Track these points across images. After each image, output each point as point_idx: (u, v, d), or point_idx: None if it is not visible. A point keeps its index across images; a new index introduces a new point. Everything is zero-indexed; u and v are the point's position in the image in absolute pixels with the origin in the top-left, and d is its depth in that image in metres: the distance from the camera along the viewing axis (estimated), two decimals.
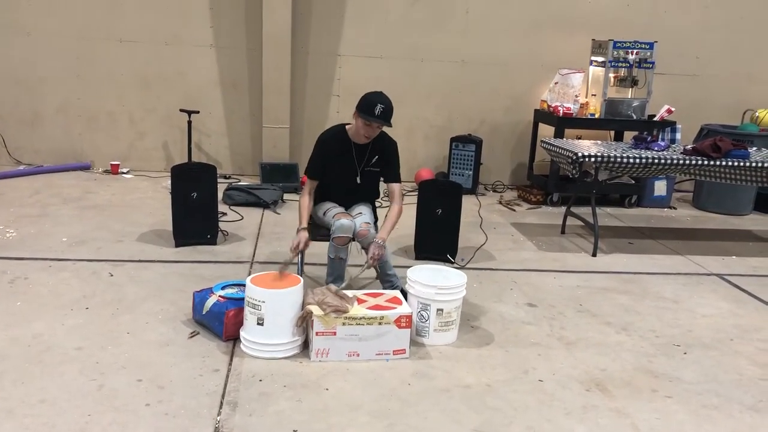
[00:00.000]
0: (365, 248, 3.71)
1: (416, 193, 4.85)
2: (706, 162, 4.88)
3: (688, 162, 4.88)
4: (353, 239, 3.69)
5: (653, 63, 6.49)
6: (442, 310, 3.36)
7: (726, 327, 3.85)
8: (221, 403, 2.75)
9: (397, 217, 3.77)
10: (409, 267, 3.61)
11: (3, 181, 6.14)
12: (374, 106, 3.58)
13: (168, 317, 3.51)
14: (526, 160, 7.16)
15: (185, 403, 2.72)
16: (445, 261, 4.56)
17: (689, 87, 7.28)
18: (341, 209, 3.80)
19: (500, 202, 6.54)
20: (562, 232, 5.59)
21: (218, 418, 2.64)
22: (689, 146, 5.19)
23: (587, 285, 4.39)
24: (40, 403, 2.65)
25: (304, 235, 3.64)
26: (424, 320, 3.38)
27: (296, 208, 5.65)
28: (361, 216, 3.74)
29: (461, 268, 4.50)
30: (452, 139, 6.81)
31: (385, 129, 3.71)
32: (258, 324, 3.10)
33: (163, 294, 3.80)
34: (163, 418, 2.61)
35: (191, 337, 3.30)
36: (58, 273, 4.02)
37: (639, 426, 2.77)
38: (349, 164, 3.80)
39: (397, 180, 3.88)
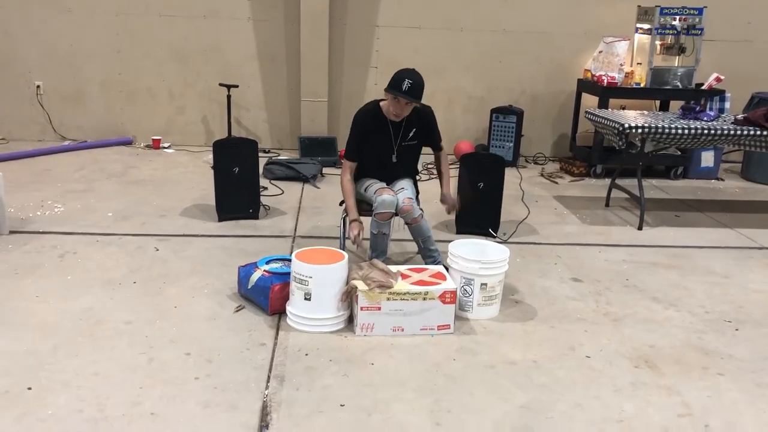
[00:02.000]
0: (408, 224, 3.69)
1: (457, 166, 4.79)
2: (758, 132, 4.71)
3: (739, 132, 4.72)
4: (396, 214, 3.67)
5: (702, 29, 6.26)
6: (486, 284, 3.34)
7: None
8: (268, 377, 2.77)
9: (449, 171, 3.94)
10: (449, 242, 3.58)
11: (49, 156, 6.26)
12: (402, 82, 3.52)
13: (213, 291, 3.55)
14: (568, 131, 7.02)
15: (233, 376, 2.76)
16: (487, 235, 4.51)
17: (740, 54, 7.02)
18: (382, 184, 3.77)
19: (542, 175, 6.44)
20: (607, 205, 5.48)
21: (266, 392, 2.66)
22: (740, 116, 5.02)
23: (633, 259, 4.30)
24: (93, 376, 2.71)
25: (359, 226, 3.64)
26: (467, 295, 3.36)
27: (336, 182, 5.66)
28: (403, 191, 3.71)
29: (504, 242, 4.45)
30: (492, 111, 6.70)
31: (423, 101, 3.65)
32: (305, 299, 3.12)
33: (207, 268, 3.84)
34: (211, 392, 2.65)
35: (237, 311, 3.34)
36: (105, 247, 4.10)
37: (690, 404, 2.72)
38: (385, 141, 3.76)
39: (441, 146, 3.93)
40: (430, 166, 6.32)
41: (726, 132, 4.72)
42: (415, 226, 3.69)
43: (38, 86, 6.71)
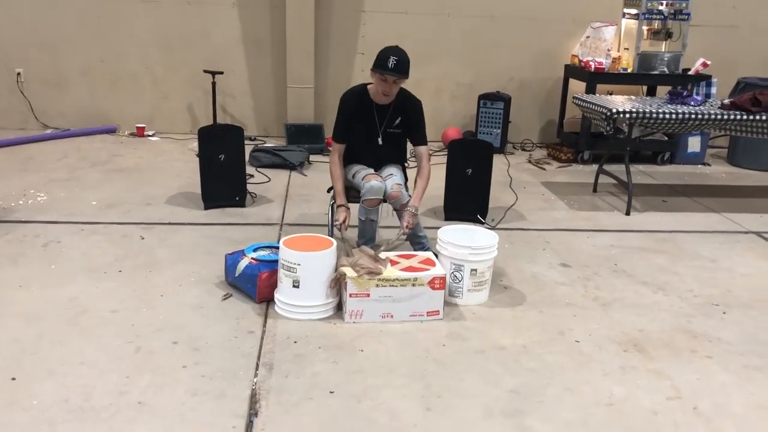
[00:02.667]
0: (397, 210, 3.67)
1: (445, 153, 4.77)
2: (745, 117, 4.73)
3: (726, 117, 4.73)
4: (384, 201, 3.64)
5: (689, 15, 6.26)
6: (476, 270, 3.33)
7: (766, 286, 3.76)
8: (257, 364, 2.75)
9: (427, 181, 3.71)
10: (438, 228, 3.56)
11: (32, 145, 6.16)
12: (387, 59, 3.47)
13: (200, 280, 3.51)
14: (555, 117, 7.00)
15: (221, 365, 2.73)
16: (476, 222, 4.50)
17: (726, 39, 7.02)
18: (371, 170, 3.74)
19: (530, 161, 6.44)
20: (594, 191, 5.48)
21: (255, 380, 2.64)
22: (727, 100, 5.03)
23: (621, 244, 4.31)
24: (79, 365, 2.68)
25: (346, 211, 3.60)
26: (457, 281, 3.34)
27: (323, 170, 5.63)
28: (392, 177, 3.69)
29: (492, 228, 4.44)
30: (480, 97, 6.68)
31: (410, 88, 3.61)
32: (294, 286, 3.09)
33: (194, 256, 3.80)
34: (200, 380, 2.62)
35: (224, 299, 3.31)
36: (90, 236, 4.04)
37: (679, 387, 2.72)
38: (370, 125, 3.72)
39: (424, 142, 3.79)
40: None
41: (713, 117, 4.73)
42: (402, 212, 3.66)
43: (18, 73, 6.60)
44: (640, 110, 4.70)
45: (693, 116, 4.72)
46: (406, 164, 3.97)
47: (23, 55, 6.55)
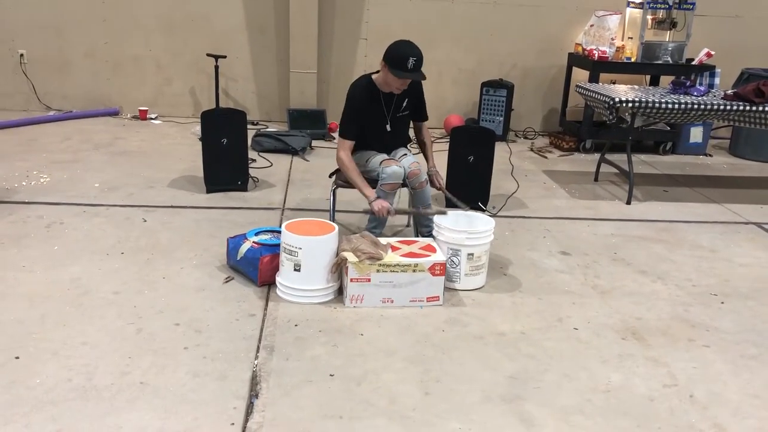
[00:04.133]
0: (414, 188, 3.68)
1: (447, 140, 4.77)
2: (748, 107, 4.72)
3: (729, 108, 4.73)
4: (404, 185, 3.66)
5: (693, 4, 6.24)
6: (472, 254, 3.35)
7: (764, 276, 3.78)
8: (258, 347, 2.78)
9: (432, 143, 3.98)
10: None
11: (35, 126, 6.17)
12: (406, 60, 3.45)
13: (202, 262, 3.53)
14: (558, 105, 7.00)
15: (222, 347, 2.76)
16: (477, 209, 4.51)
17: (730, 29, 7.00)
18: (385, 156, 3.74)
19: (531, 149, 6.44)
20: (596, 180, 5.49)
21: (255, 362, 2.67)
22: (730, 91, 5.02)
23: (621, 233, 4.33)
24: (81, 345, 2.70)
25: (383, 201, 3.56)
26: (455, 265, 3.36)
27: (325, 155, 5.66)
28: (406, 157, 3.75)
29: (493, 215, 4.45)
30: (483, 84, 6.67)
31: None
32: (295, 270, 3.11)
33: (196, 240, 3.82)
34: (201, 362, 2.64)
35: (226, 282, 3.33)
36: (92, 218, 4.06)
37: (676, 375, 2.75)
38: (378, 113, 3.73)
39: (427, 117, 3.94)
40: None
41: (716, 107, 4.73)
42: (420, 191, 3.70)
43: (21, 55, 6.59)
44: (643, 100, 4.70)
45: (696, 106, 4.72)
46: (408, 146, 4.00)
47: (27, 36, 6.54)
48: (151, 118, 6.71)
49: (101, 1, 6.50)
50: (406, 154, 3.78)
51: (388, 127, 3.76)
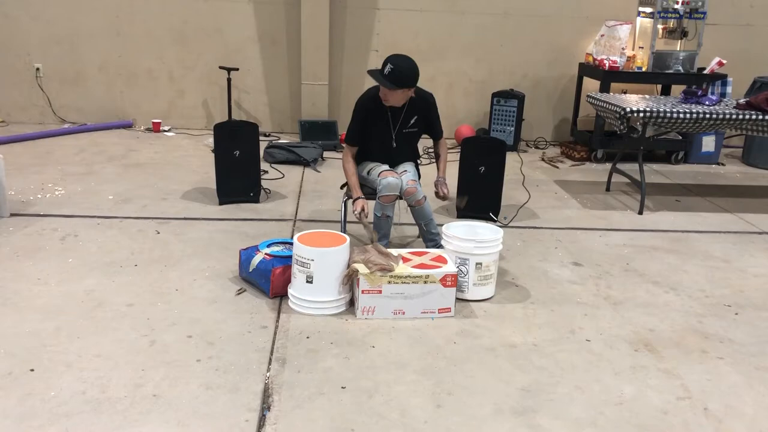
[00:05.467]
0: (412, 205, 3.69)
1: (458, 150, 4.79)
2: (761, 116, 4.70)
3: (741, 117, 4.71)
4: (400, 197, 3.67)
5: (705, 13, 6.22)
6: (481, 263, 3.34)
7: None
8: (270, 359, 2.79)
9: (447, 157, 3.96)
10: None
11: (50, 139, 6.24)
12: (385, 65, 3.52)
13: (215, 274, 3.55)
14: (569, 115, 7.00)
15: (235, 359, 2.77)
16: (488, 219, 4.51)
17: (742, 38, 6.98)
18: (386, 167, 3.77)
19: (543, 159, 6.43)
20: (607, 190, 5.48)
21: (267, 374, 2.68)
22: (742, 100, 5.00)
23: (634, 244, 4.31)
24: (95, 358, 2.73)
25: (363, 201, 3.63)
26: (463, 275, 3.36)
27: (337, 166, 5.66)
28: (406, 173, 3.72)
29: (504, 226, 4.45)
30: (494, 95, 6.68)
31: (424, 85, 3.63)
32: (307, 282, 3.12)
33: (208, 251, 3.85)
34: (213, 374, 2.66)
35: (238, 294, 3.35)
36: (107, 230, 4.10)
37: (690, 387, 2.73)
38: (384, 127, 3.75)
39: (442, 134, 3.94)
40: (430, 150, 6.30)
41: (728, 116, 4.71)
42: (418, 208, 3.69)
43: (38, 69, 6.68)
44: (654, 109, 4.69)
45: (708, 116, 4.70)
46: (418, 161, 4.00)
47: (43, 50, 6.64)
48: (165, 131, 6.77)
49: (115, 16, 6.58)
50: (406, 170, 3.78)
51: (394, 143, 3.79)
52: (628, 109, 4.68)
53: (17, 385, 2.52)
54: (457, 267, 3.34)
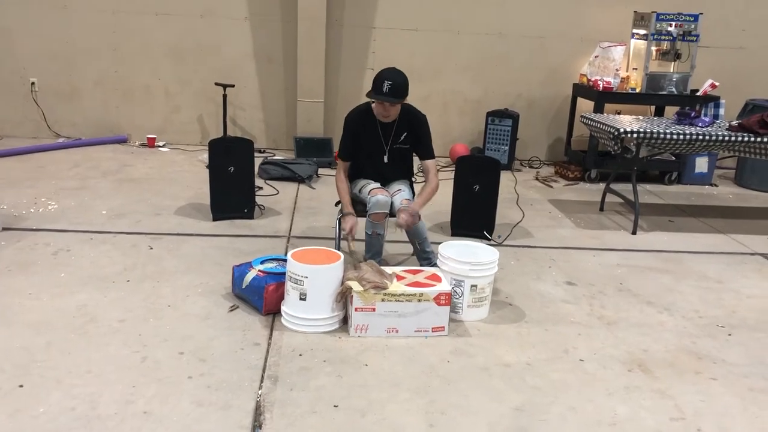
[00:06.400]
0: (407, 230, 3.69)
1: (452, 169, 4.80)
2: (753, 138, 4.74)
3: (734, 138, 4.75)
4: (390, 215, 3.67)
5: (697, 36, 6.29)
6: (476, 285, 3.34)
7: None
8: (262, 377, 2.77)
9: (433, 192, 3.74)
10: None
11: (43, 154, 6.23)
12: (382, 83, 3.52)
13: (207, 291, 3.54)
14: (563, 135, 7.04)
15: (227, 376, 2.75)
16: (482, 238, 4.51)
17: (734, 60, 7.06)
18: (377, 185, 3.78)
19: (537, 178, 6.46)
20: (601, 210, 5.49)
21: (260, 392, 2.66)
22: (735, 122, 5.04)
23: (627, 263, 4.32)
24: (86, 374, 2.70)
25: (353, 219, 3.64)
26: (458, 296, 3.36)
27: (331, 183, 5.66)
28: (400, 193, 3.72)
29: (498, 245, 4.46)
30: (488, 114, 6.72)
31: (419, 103, 3.65)
32: (301, 299, 3.11)
33: (202, 267, 3.83)
34: (205, 391, 2.64)
35: (231, 310, 3.33)
36: (99, 245, 4.08)
37: (683, 408, 2.72)
38: (376, 142, 3.76)
39: (431, 156, 3.82)
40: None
41: (720, 138, 4.75)
42: (413, 228, 3.69)
43: (33, 83, 6.68)
44: (648, 130, 4.72)
45: (700, 137, 4.74)
46: (413, 179, 4.01)
47: (38, 65, 6.64)
48: (159, 146, 6.77)
49: (112, 31, 6.60)
50: (401, 190, 3.77)
51: (386, 158, 3.79)
52: (621, 130, 4.71)
53: (7, 401, 2.49)
54: (452, 288, 3.33)
